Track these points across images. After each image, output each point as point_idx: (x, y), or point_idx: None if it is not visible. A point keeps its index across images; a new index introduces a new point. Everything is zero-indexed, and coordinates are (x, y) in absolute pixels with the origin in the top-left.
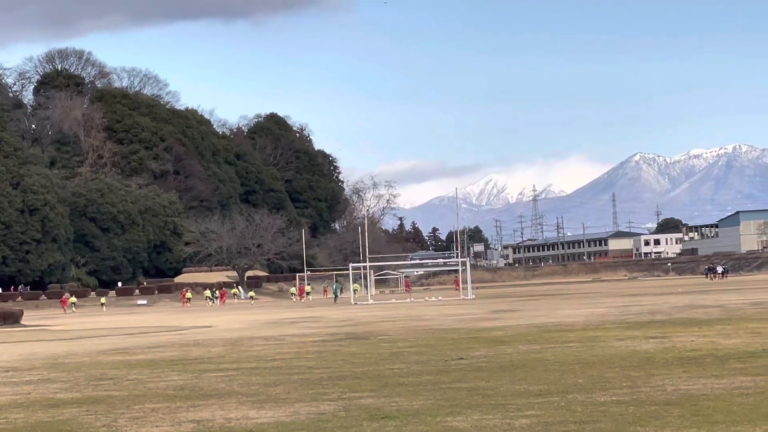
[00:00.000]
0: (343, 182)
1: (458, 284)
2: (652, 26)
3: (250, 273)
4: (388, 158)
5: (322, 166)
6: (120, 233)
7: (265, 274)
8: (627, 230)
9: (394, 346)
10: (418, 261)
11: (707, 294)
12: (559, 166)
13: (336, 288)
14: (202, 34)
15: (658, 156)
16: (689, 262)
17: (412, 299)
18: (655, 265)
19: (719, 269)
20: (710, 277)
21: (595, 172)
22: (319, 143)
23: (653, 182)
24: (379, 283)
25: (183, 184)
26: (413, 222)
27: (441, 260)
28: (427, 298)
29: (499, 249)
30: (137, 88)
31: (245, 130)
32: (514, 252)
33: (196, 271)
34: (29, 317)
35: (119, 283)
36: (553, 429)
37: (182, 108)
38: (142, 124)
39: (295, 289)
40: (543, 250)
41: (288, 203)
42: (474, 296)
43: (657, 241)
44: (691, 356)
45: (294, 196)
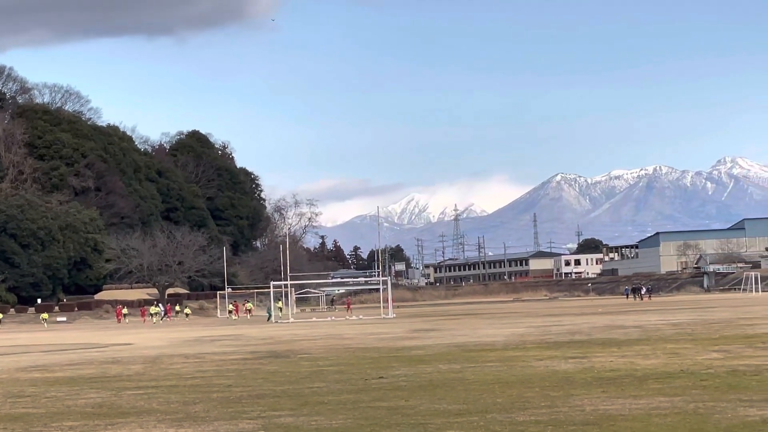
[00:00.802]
0: (265, 200)
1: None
2: (571, 48)
3: (170, 290)
4: (310, 177)
5: (244, 183)
6: (40, 249)
7: (186, 291)
8: (548, 250)
9: (315, 365)
10: (339, 279)
11: (627, 315)
12: (480, 186)
13: (271, 306)
14: (124, 51)
15: (579, 176)
16: (609, 283)
17: (333, 318)
18: (576, 285)
19: (643, 289)
20: (635, 298)
21: (516, 192)
22: (241, 161)
23: (574, 203)
24: (301, 301)
25: (104, 200)
26: (335, 240)
27: (362, 279)
28: (348, 317)
29: (421, 268)
30: (59, 105)
31: (167, 147)
32: (436, 271)
33: (116, 289)
34: None
35: (39, 300)
36: None
37: (104, 124)
38: (64, 141)
39: (232, 307)
40: (464, 269)
41: (209, 221)
42: (395, 315)
43: (577, 262)
44: (609, 376)
45: (216, 213)
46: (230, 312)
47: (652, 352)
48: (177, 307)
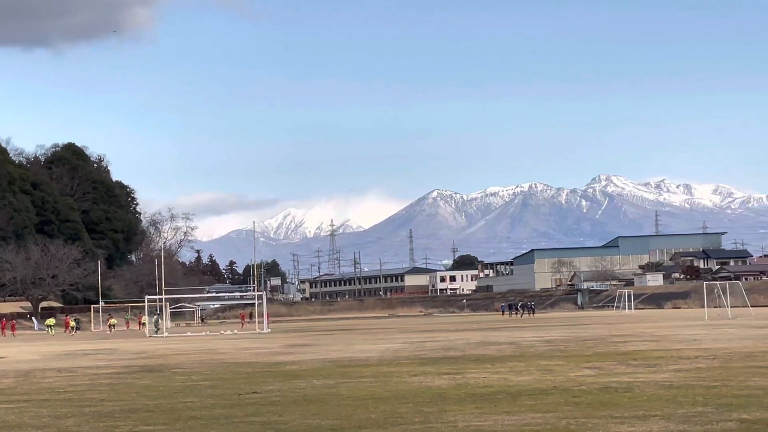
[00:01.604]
0: (140, 214)
1: (244, 318)
2: (448, 63)
3: (44, 304)
4: (187, 191)
5: (120, 197)
6: None
7: (60, 305)
8: (423, 266)
9: (189, 379)
10: (214, 294)
11: (501, 331)
12: (357, 202)
13: (155, 319)
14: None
15: (456, 193)
16: (484, 299)
17: (208, 332)
18: (451, 301)
19: (521, 306)
20: (512, 314)
21: (393, 207)
22: (117, 174)
23: (450, 219)
24: (175, 315)
25: None
26: (210, 255)
27: (237, 293)
28: (222, 332)
29: (296, 283)
30: None
31: (42, 159)
32: (311, 286)
33: None
34: None
35: None
36: None
37: None
38: None
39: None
40: (340, 284)
41: (84, 234)
42: (270, 330)
43: (453, 278)
44: (483, 393)
45: (90, 227)
46: (111, 326)
47: (526, 368)
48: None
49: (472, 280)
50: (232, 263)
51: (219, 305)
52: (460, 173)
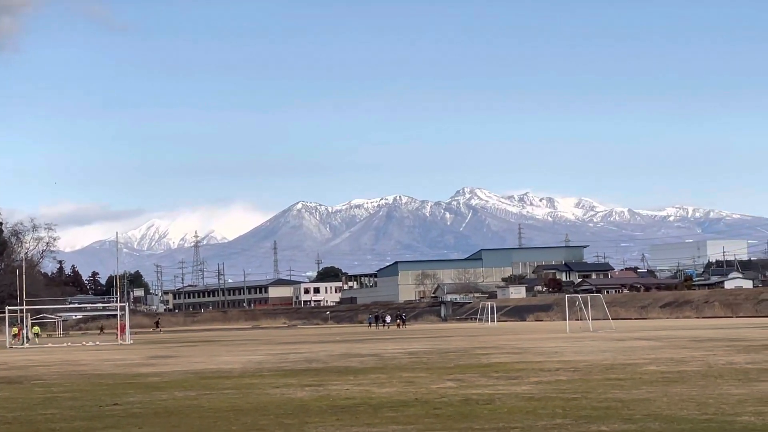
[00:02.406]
0: (1, 224)
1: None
2: (312, 75)
3: None
4: (49, 201)
5: None
6: None
7: None
8: (287, 278)
9: (48, 391)
10: (77, 305)
11: (364, 343)
12: (222, 213)
13: (27, 331)
14: None
15: (320, 205)
16: (348, 311)
17: (69, 344)
18: (315, 313)
19: (389, 318)
20: (384, 326)
21: (258, 219)
22: None
23: (315, 231)
24: (37, 327)
25: None
26: (73, 266)
27: (100, 305)
28: (84, 343)
29: (160, 294)
30: None
31: None
32: (175, 297)
33: None
34: None
35: None
36: None
37: None
38: None
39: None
40: (204, 296)
41: None
42: (132, 341)
43: (317, 290)
44: (345, 404)
45: None
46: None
47: (388, 380)
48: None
49: (336, 291)
50: (95, 274)
51: (81, 316)
52: (324, 185)
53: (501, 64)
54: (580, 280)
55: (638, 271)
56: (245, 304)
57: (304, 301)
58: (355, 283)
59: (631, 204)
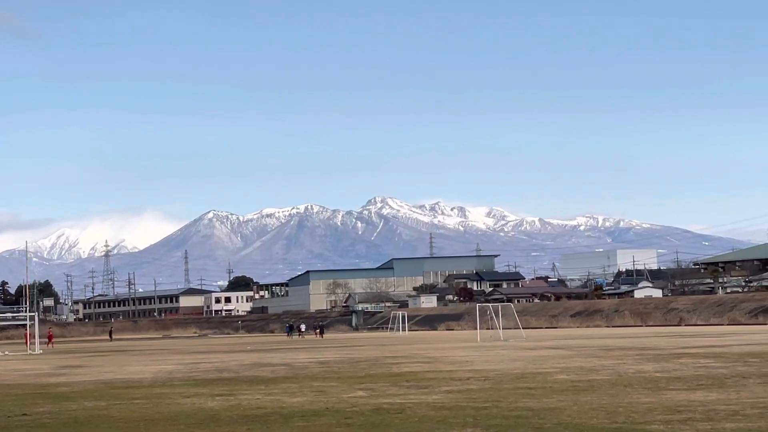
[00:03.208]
0: None
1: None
2: (223, 84)
3: None
4: None
5: None
6: None
7: None
8: (199, 287)
9: None
10: None
11: (275, 352)
12: (133, 222)
13: None
14: None
15: (231, 214)
16: (259, 321)
17: None
18: (226, 322)
19: (303, 327)
20: (299, 335)
21: (169, 228)
22: None
23: (226, 240)
24: None
25: None
26: None
27: (9, 314)
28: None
29: (70, 304)
30: None
31: None
32: (85, 307)
33: None
34: None
35: None
36: None
37: None
38: None
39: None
40: (114, 305)
41: None
42: (41, 351)
43: (228, 299)
44: (256, 414)
45: None
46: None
47: (299, 389)
48: None
49: (247, 301)
50: (4, 283)
51: None
52: (236, 194)
53: (411, 74)
54: (492, 289)
55: (549, 280)
56: (156, 314)
57: (215, 311)
58: (267, 292)
59: (541, 213)
